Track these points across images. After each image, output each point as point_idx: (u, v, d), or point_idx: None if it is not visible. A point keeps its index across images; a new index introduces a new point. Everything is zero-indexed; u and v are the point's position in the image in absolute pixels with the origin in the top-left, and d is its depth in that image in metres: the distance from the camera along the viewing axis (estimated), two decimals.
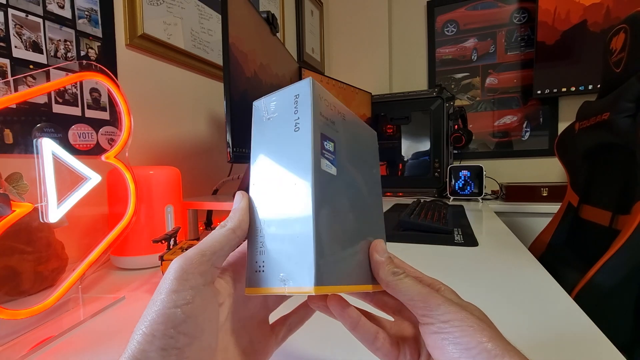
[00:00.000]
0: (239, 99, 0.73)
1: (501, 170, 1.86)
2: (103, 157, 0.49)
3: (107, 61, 0.78)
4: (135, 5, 0.83)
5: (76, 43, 0.71)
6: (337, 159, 0.23)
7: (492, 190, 1.75)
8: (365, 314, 0.26)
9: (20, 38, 0.62)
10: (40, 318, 0.42)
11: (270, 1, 1.50)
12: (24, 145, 0.61)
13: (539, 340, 0.35)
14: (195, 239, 0.57)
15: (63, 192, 0.42)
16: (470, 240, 0.74)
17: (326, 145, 0.23)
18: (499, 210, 1.43)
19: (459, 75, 1.96)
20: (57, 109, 0.67)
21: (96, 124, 0.74)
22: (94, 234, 0.70)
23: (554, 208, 1.21)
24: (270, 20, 0.93)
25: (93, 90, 0.74)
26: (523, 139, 1.86)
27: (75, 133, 0.70)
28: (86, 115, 0.72)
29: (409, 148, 1.69)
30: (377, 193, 0.30)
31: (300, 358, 0.32)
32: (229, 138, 0.70)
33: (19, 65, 0.61)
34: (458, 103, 1.92)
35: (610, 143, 0.88)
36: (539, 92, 1.73)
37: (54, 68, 0.67)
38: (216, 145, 1.12)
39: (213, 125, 1.11)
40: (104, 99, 0.76)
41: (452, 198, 1.50)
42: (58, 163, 0.41)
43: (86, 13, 0.73)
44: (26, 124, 0.62)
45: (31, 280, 0.49)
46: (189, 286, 0.19)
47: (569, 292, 0.46)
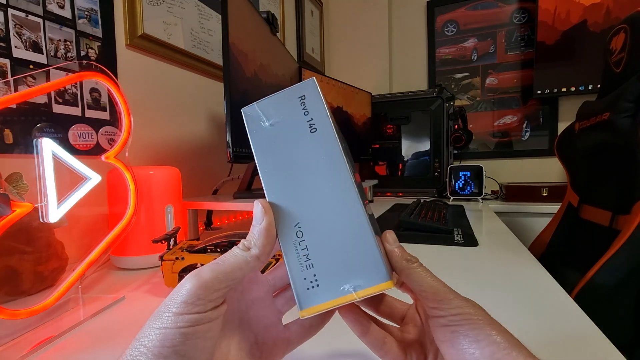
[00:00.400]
0: (239, 99, 0.73)
1: (501, 170, 1.86)
2: (103, 157, 0.49)
3: (107, 61, 0.78)
4: (135, 5, 0.82)
5: (76, 43, 0.71)
6: (347, 158, 0.23)
7: (492, 190, 1.75)
8: (372, 319, 0.26)
9: (20, 38, 0.62)
10: (40, 318, 0.42)
11: (270, 1, 1.50)
12: (24, 145, 0.61)
13: (539, 340, 0.35)
14: (195, 239, 0.57)
15: (63, 192, 0.42)
16: (470, 240, 0.74)
17: (342, 142, 0.22)
18: (499, 210, 1.43)
19: (459, 75, 1.96)
20: (57, 109, 0.67)
21: (96, 124, 0.74)
22: (94, 234, 0.70)
23: (554, 208, 1.21)
24: (270, 20, 0.93)
25: (93, 90, 0.74)
26: (523, 139, 1.86)
27: (75, 133, 0.70)
28: (86, 115, 0.72)
29: (409, 148, 1.69)
30: (364, 193, 0.30)
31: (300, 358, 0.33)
32: (229, 138, 0.70)
33: (19, 65, 0.61)
34: (458, 103, 1.92)
35: (610, 143, 0.88)
36: (539, 92, 1.73)
37: (54, 68, 0.67)
38: (216, 145, 1.12)
39: (213, 125, 1.11)
40: (104, 99, 0.76)
41: (452, 198, 1.50)
42: (58, 163, 0.41)
43: (86, 13, 0.73)
44: (26, 124, 0.62)
45: (31, 280, 0.49)
46: (196, 311, 0.19)
47: (569, 292, 0.46)
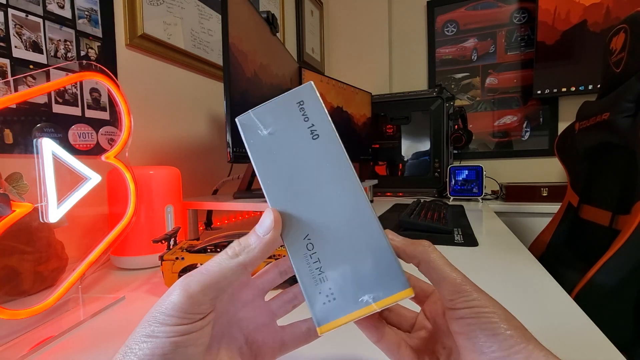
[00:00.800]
0: (239, 99, 0.73)
1: (501, 170, 1.86)
2: (103, 157, 0.49)
3: (107, 61, 0.78)
4: (135, 5, 0.82)
5: (76, 43, 0.71)
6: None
7: (492, 190, 1.75)
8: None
9: (20, 38, 0.62)
10: (40, 318, 0.42)
11: (270, 1, 1.50)
12: (24, 145, 0.61)
13: (539, 340, 0.35)
14: (195, 239, 0.57)
15: (63, 192, 0.42)
16: (470, 240, 0.74)
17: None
18: (499, 210, 1.43)
19: (459, 75, 1.96)
20: (57, 109, 0.67)
21: (96, 124, 0.74)
22: (94, 234, 0.70)
23: (554, 208, 1.21)
24: (270, 20, 0.93)
25: (93, 90, 0.74)
26: (523, 139, 1.86)
27: (75, 133, 0.70)
28: (86, 115, 0.72)
29: (409, 148, 1.69)
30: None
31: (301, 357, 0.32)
32: (229, 138, 0.70)
33: (19, 65, 0.61)
34: (458, 103, 1.92)
35: (610, 143, 0.88)
36: (539, 92, 1.73)
37: (54, 68, 0.67)
38: (216, 145, 1.12)
39: (213, 125, 1.11)
40: (104, 99, 0.76)
41: (452, 198, 1.50)
42: (58, 163, 0.41)
43: (86, 13, 0.73)
44: (26, 124, 0.62)
45: (31, 280, 0.49)
46: (184, 322, 0.19)
47: (569, 292, 0.46)
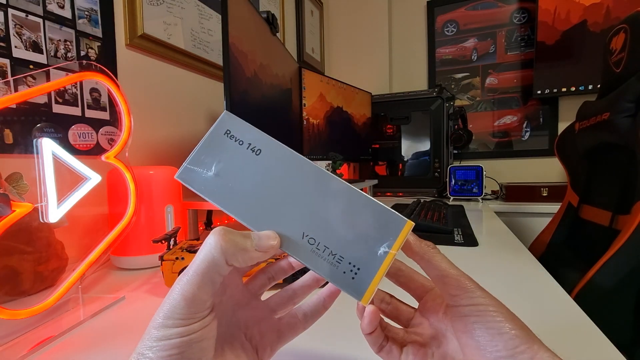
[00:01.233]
0: (239, 99, 0.73)
1: (501, 170, 1.86)
2: (103, 157, 0.49)
3: (107, 61, 0.78)
4: (135, 5, 0.82)
5: (76, 43, 0.71)
6: None
7: (492, 190, 1.75)
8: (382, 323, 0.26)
9: (20, 38, 0.62)
10: (40, 318, 0.42)
11: (270, 1, 1.50)
12: (24, 145, 0.61)
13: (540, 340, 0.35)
14: (195, 239, 0.57)
15: (63, 192, 0.42)
16: (470, 240, 0.74)
17: None
18: (499, 210, 1.43)
19: (459, 75, 1.96)
20: (57, 109, 0.67)
21: (96, 124, 0.74)
22: (94, 234, 0.70)
23: (554, 208, 1.21)
24: (270, 20, 0.93)
25: (93, 90, 0.74)
26: (523, 139, 1.86)
27: (75, 133, 0.70)
28: (86, 115, 0.72)
29: (409, 148, 1.68)
30: None
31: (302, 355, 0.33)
32: None
33: (19, 65, 0.61)
34: (458, 103, 1.92)
35: (610, 143, 0.88)
36: (539, 92, 1.73)
37: (54, 68, 0.67)
38: None
39: None
40: (104, 99, 0.76)
41: (452, 198, 1.50)
42: (58, 163, 0.41)
43: (86, 13, 0.73)
44: (26, 124, 0.62)
45: (31, 280, 0.49)
46: (194, 321, 0.19)
47: (569, 292, 0.46)
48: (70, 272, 0.45)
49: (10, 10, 0.60)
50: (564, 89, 1.69)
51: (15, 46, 0.61)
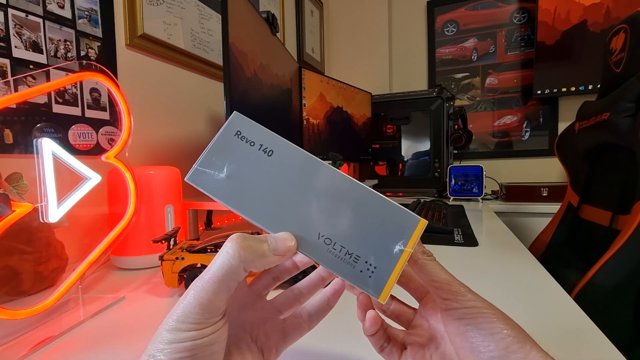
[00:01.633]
0: (239, 99, 0.73)
1: (501, 170, 1.86)
2: (103, 157, 0.49)
3: (107, 61, 0.78)
4: (135, 5, 0.82)
5: (76, 43, 0.71)
6: None
7: (492, 190, 1.75)
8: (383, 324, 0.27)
9: (20, 38, 0.62)
10: (40, 318, 0.42)
11: (270, 1, 1.50)
12: (24, 145, 0.61)
13: (539, 340, 0.35)
14: (195, 239, 0.57)
15: (63, 192, 0.42)
16: (470, 240, 0.74)
17: None
18: (499, 210, 1.43)
19: (459, 75, 1.96)
20: (57, 109, 0.67)
21: (96, 124, 0.74)
22: (94, 234, 0.70)
23: (554, 208, 1.21)
24: (270, 20, 0.93)
25: (93, 90, 0.74)
26: (523, 139, 1.86)
27: (75, 133, 0.70)
28: (86, 115, 0.72)
29: (409, 148, 1.68)
30: None
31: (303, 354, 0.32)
32: None
33: (19, 65, 0.61)
34: (458, 103, 1.92)
35: (610, 143, 0.88)
36: (539, 92, 1.73)
37: (54, 68, 0.67)
38: None
39: (213, 125, 1.11)
40: (104, 99, 0.76)
41: (452, 198, 1.50)
42: (58, 163, 0.41)
43: (86, 13, 0.73)
44: (26, 124, 0.62)
45: (31, 280, 0.49)
46: (209, 324, 0.20)
47: (569, 292, 0.46)
48: (70, 272, 0.45)
49: (10, 10, 0.60)
50: (564, 89, 1.69)
51: (15, 46, 0.61)
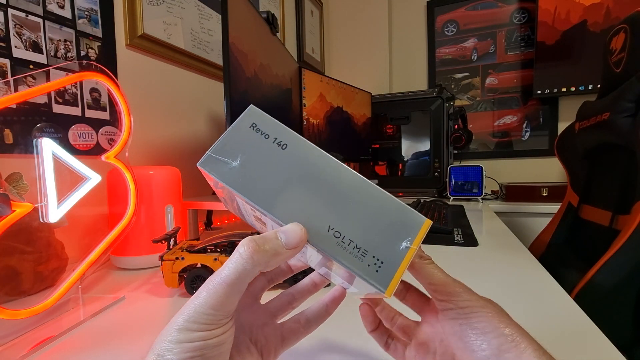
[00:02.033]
0: (239, 99, 0.73)
1: (501, 170, 1.86)
2: (103, 157, 0.49)
3: (107, 61, 0.78)
4: (135, 5, 0.82)
5: (76, 43, 0.71)
6: None
7: (492, 190, 1.75)
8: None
9: (20, 38, 0.62)
10: (40, 318, 0.42)
11: (270, 1, 1.50)
12: (24, 145, 0.61)
13: (539, 340, 0.35)
14: (195, 239, 0.57)
15: (63, 192, 0.42)
16: (470, 240, 0.74)
17: None
18: (499, 210, 1.43)
19: (459, 75, 1.96)
20: (57, 109, 0.67)
21: (96, 124, 0.74)
22: (94, 234, 0.70)
23: (554, 208, 1.21)
24: (270, 20, 0.93)
25: (93, 90, 0.74)
26: (523, 139, 1.86)
27: (75, 133, 0.70)
28: (86, 115, 0.72)
29: (409, 148, 1.68)
30: None
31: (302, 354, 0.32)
32: None
33: (19, 65, 0.61)
34: (458, 103, 1.92)
35: (610, 143, 0.88)
36: (539, 92, 1.73)
37: (54, 68, 0.67)
38: None
39: (213, 125, 1.11)
40: (104, 99, 0.76)
41: (452, 198, 1.50)
42: (58, 163, 0.41)
43: (86, 13, 0.73)
44: (26, 124, 0.62)
45: (31, 280, 0.49)
46: (220, 324, 0.20)
47: (569, 292, 0.46)
48: (70, 272, 0.45)
49: (10, 10, 0.60)
50: (564, 89, 1.69)
51: (15, 46, 0.61)
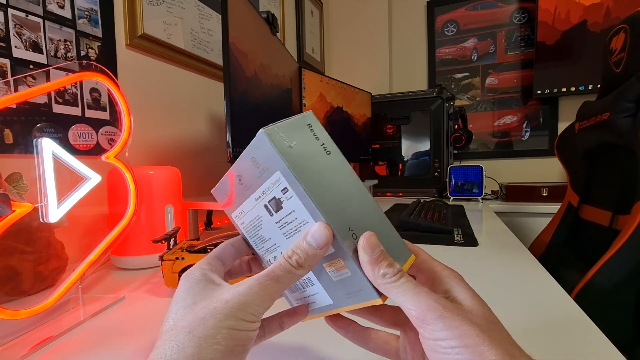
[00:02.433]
0: (239, 99, 0.73)
1: (501, 170, 1.86)
2: (103, 157, 0.49)
3: (107, 61, 0.78)
4: (135, 5, 0.82)
5: (76, 43, 0.71)
6: None
7: (492, 190, 1.75)
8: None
9: (20, 38, 0.62)
10: (40, 318, 0.42)
11: (270, 1, 1.50)
12: (24, 145, 0.61)
13: (539, 340, 0.35)
14: (195, 239, 0.57)
15: (63, 192, 0.42)
16: (470, 240, 0.74)
17: None
18: (499, 210, 1.43)
19: (459, 75, 1.96)
20: (57, 109, 0.67)
21: (96, 124, 0.74)
22: (94, 234, 0.70)
23: (554, 208, 1.21)
24: (270, 20, 0.93)
25: (93, 90, 0.74)
26: (523, 139, 1.86)
27: (75, 133, 0.70)
28: (86, 115, 0.72)
29: (409, 148, 1.68)
30: None
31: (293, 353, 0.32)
32: (228, 138, 0.70)
33: (19, 65, 0.61)
34: (458, 103, 1.92)
35: (610, 143, 0.88)
36: (539, 92, 1.73)
37: (54, 68, 0.67)
38: (216, 145, 1.12)
39: (213, 125, 1.11)
40: (104, 99, 0.76)
41: (452, 198, 1.50)
42: (58, 163, 0.41)
43: (86, 13, 0.73)
44: (26, 124, 0.62)
45: (31, 280, 0.50)
46: (258, 318, 0.22)
47: (569, 292, 0.46)
48: (70, 272, 0.45)
49: (10, 10, 0.60)
50: (564, 89, 1.69)
51: (15, 46, 0.61)
